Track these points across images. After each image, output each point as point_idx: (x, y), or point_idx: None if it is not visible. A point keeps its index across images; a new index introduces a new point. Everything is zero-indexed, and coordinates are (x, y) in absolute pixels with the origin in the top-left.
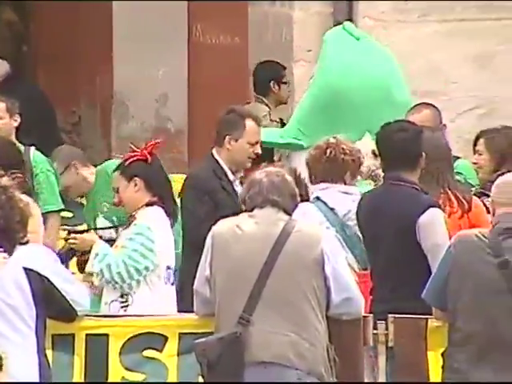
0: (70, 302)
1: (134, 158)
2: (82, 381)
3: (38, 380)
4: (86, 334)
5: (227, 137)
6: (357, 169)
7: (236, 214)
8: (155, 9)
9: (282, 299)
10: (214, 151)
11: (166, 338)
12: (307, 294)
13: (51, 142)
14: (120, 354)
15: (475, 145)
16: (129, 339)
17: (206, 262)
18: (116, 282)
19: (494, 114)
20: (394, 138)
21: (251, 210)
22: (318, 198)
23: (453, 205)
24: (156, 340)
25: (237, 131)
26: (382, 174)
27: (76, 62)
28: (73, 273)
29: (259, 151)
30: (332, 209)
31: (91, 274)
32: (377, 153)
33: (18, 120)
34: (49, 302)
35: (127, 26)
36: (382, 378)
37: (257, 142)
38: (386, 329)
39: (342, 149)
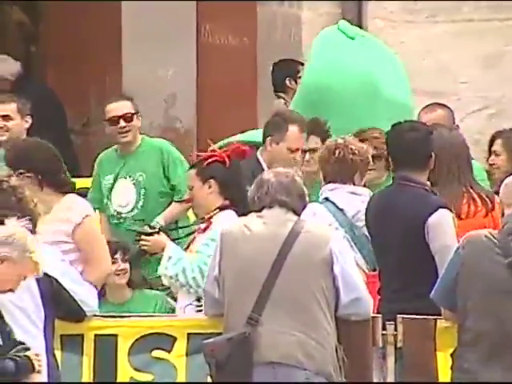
0: (79, 303)
1: (213, 159)
2: (91, 381)
3: (46, 380)
4: (95, 335)
5: (269, 138)
6: (366, 169)
7: None
8: (164, 9)
9: (291, 299)
10: (258, 152)
11: (174, 339)
12: (316, 295)
13: (61, 142)
14: (129, 354)
15: (491, 146)
16: (137, 339)
17: (215, 261)
18: (191, 287)
19: (502, 115)
20: (404, 138)
21: (260, 210)
22: (326, 199)
23: (477, 203)
24: (165, 340)
25: (279, 134)
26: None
27: (85, 62)
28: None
29: (298, 158)
30: (341, 209)
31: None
32: None
33: (30, 121)
34: (57, 303)
35: (136, 26)
36: (390, 379)
37: (297, 149)
38: (395, 329)
39: (351, 149)
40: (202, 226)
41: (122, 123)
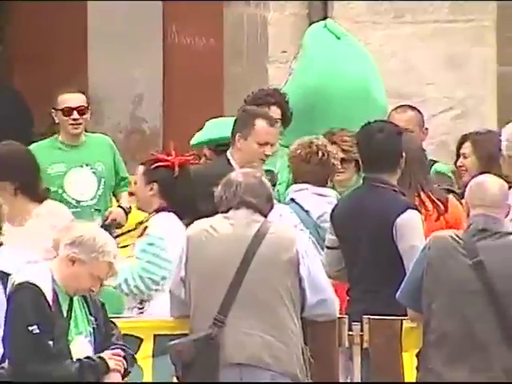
0: None
1: (161, 164)
2: None
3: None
4: None
5: (237, 135)
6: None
7: None
8: (130, 9)
9: (257, 300)
10: (229, 151)
11: (141, 340)
12: (282, 296)
13: (27, 144)
14: None
15: (459, 148)
16: None
17: (182, 263)
18: (135, 294)
19: (468, 116)
20: (373, 139)
21: (227, 211)
22: (292, 200)
23: (427, 208)
24: (131, 342)
25: (246, 130)
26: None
27: (51, 63)
28: None
29: (269, 152)
30: (306, 211)
31: None
32: None
33: None
34: None
35: (102, 26)
36: (356, 379)
37: (266, 143)
38: (361, 330)
39: (332, 152)
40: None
41: (76, 115)
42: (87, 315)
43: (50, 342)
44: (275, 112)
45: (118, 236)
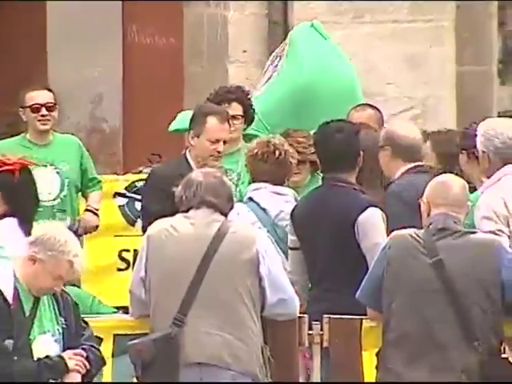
0: None
1: (2, 169)
2: None
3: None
4: None
5: (190, 132)
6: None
7: None
8: (89, 9)
9: (217, 300)
10: (187, 151)
11: (100, 340)
12: (242, 295)
13: None
14: None
15: None
16: None
17: (142, 263)
18: None
19: (427, 115)
20: (331, 139)
21: (187, 211)
22: (250, 199)
23: None
24: None
25: (198, 127)
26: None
27: (10, 63)
28: None
29: (221, 149)
30: (264, 209)
31: None
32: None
33: None
34: None
35: (61, 25)
36: (316, 379)
37: (218, 140)
38: (321, 329)
39: (290, 151)
40: None
41: (44, 111)
42: (56, 315)
43: (9, 341)
44: (236, 108)
45: None
